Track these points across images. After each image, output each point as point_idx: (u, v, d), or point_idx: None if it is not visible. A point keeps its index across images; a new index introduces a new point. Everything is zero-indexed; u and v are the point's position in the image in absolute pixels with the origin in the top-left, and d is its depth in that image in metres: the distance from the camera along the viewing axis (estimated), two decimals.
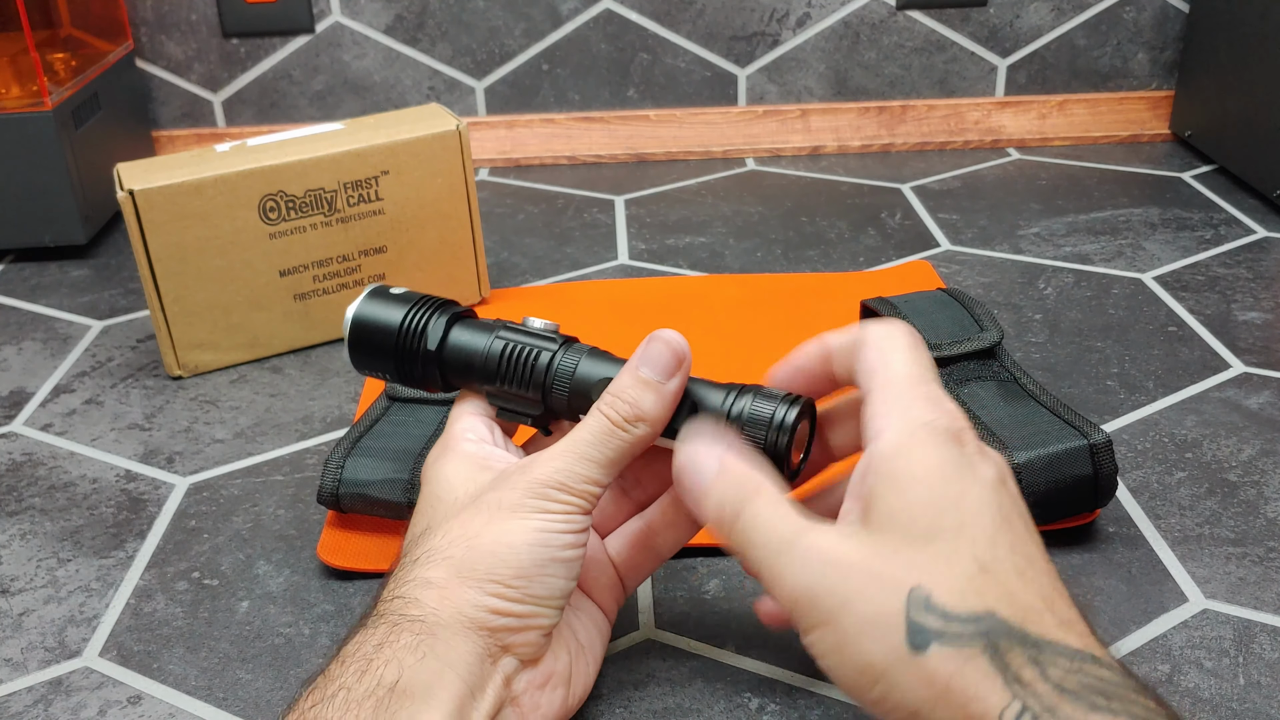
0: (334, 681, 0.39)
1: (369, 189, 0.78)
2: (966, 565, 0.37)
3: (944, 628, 0.35)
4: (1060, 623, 0.36)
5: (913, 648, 0.36)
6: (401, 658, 0.39)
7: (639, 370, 0.44)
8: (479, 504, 0.44)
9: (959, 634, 0.35)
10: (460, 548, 0.42)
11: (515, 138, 1.17)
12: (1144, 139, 1.18)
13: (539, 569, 0.42)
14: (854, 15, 1.13)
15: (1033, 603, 0.36)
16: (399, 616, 0.41)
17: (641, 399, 0.44)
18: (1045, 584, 0.38)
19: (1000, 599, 0.36)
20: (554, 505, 0.43)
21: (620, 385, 0.44)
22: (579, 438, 0.44)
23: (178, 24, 1.12)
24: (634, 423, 0.44)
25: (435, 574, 0.42)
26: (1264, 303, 0.83)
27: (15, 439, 0.72)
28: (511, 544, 0.42)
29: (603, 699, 0.50)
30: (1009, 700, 0.34)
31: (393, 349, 0.49)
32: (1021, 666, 0.34)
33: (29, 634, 0.55)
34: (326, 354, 0.80)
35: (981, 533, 0.37)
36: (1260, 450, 0.65)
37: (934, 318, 0.68)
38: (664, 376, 0.44)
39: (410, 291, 0.50)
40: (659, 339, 0.44)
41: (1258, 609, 0.54)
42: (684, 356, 0.44)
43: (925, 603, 0.36)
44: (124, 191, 0.72)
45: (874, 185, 1.09)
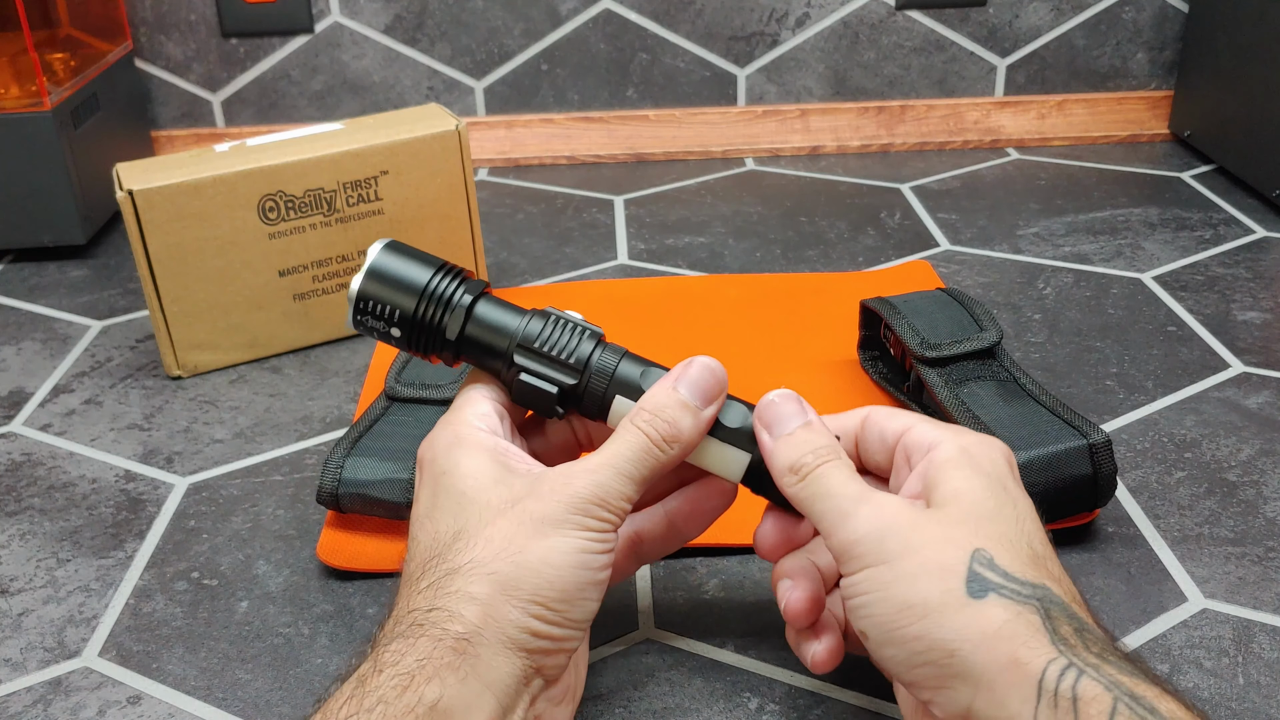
0: (372, 693, 0.38)
1: (368, 189, 0.78)
2: (1024, 547, 0.40)
3: (1003, 584, 0.38)
4: (1094, 620, 0.39)
5: (970, 594, 0.38)
6: (444, 676, 0.39)
7: (679, 391, 0.45)
8: (518, 513, 0.42)
9: (1016, 592, 0.38)
10: (505, 563, 0.41)
11: (514, 138, 1.17)
12: (1143, 139, 1.18)
13: (580, 592, 0.42)
14: (853, 15, 1.13)
15: (1074, 595, 0.40)
16: (442, 631, 0.40)
17: (681, 421, 0.44)
18: (1075, 593, 0.41)
19: (1051, 581, 0.39)
20: (593, 523, 0.42)
21: (660, 403, 0.44)
22: (618, 452, 0.44)
23: (177, 24, 1.12)
24: (671, 443, 0.44)
25: (479, 589, 0.41)
26: (1263, 302, 0.83)
27: (15, 439, 0.72)
28: (556, 565, 0.41)
29: (603, 699, 0.50)
30: (1055, 654, 0.36)
31: (411, 312, 0.46)
32: (1069, 634, 0.37)
33: (28, 634, 0.55)
34: (326, 354, 0.80)
35: (1035, 529, 0.41)
36: (1260, 450, 0.65)
37: (934, 318, 0.68)
38: (703, 403, 0.45)
39: (427, 254, 0.48)
40: (703, 364, 0.45)
41: (1257, 609, 0.54)
42: (724, 385, 0.46)
43: (989, 562, 0.39)
44: (123, 191, 0.72)
45: (873, 185, 1.09)
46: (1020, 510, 0.42)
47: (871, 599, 0.39)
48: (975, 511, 0.40)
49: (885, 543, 0.40)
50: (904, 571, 0.39)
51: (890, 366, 0.72)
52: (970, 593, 0.38)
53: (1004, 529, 0.40)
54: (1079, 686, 0.35)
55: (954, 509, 0.41)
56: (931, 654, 0.38)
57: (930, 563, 0.39)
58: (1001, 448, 0.44)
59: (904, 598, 0.38)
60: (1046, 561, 0.40)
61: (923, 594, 0.38)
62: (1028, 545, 0.40)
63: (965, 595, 0.38)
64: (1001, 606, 0.37)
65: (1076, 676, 0.35)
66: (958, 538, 0.39)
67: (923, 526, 0.40)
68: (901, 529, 0.40)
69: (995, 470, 0.43)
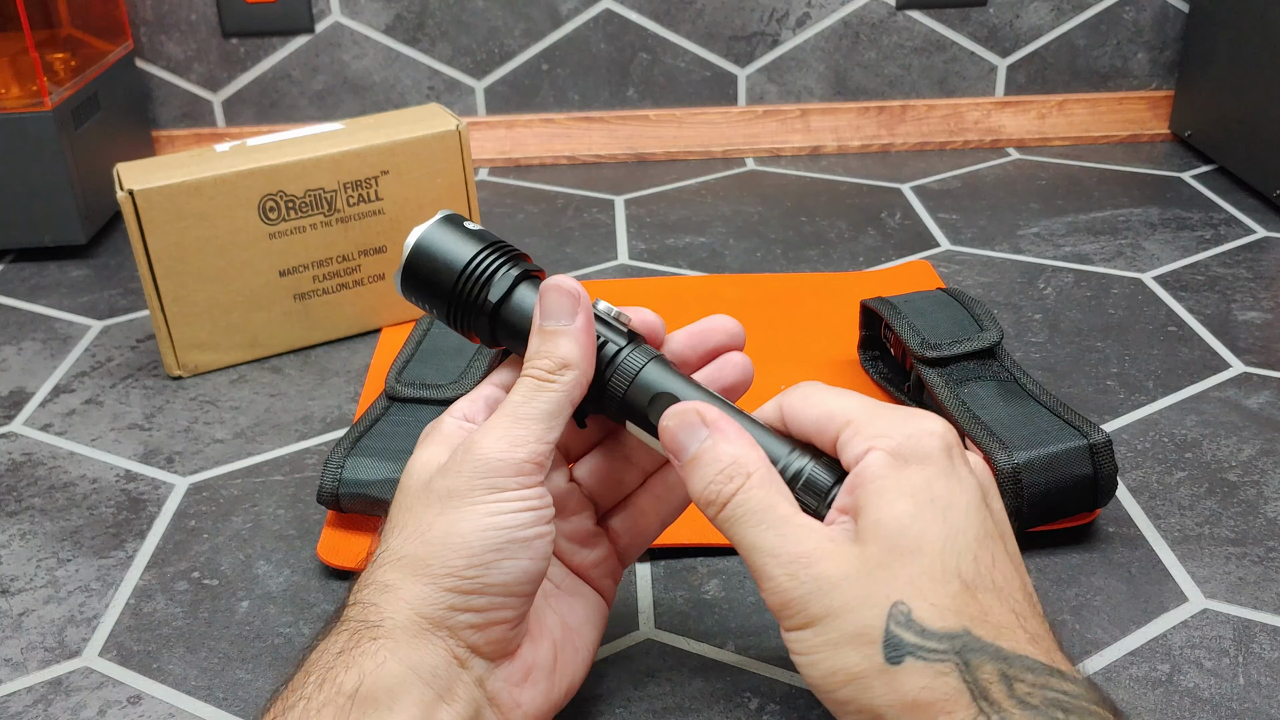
0: (295, 692, 0.38)
1: (369, 189, 0.78)
2: (949, 582, 0.38)
3: (920, 644, 0.37)
4: (1030, 638, 0.38)
5: (888, 660, 0.37)
6: (361, 664, 0.39)
7: (543, 325, 0.44)
8: (429, 492, 0.42)
9: (933, 650, 0.37)
10: (414, 544, 0.41)
11: (515, 138, 1.17)
12: (1144, 139, 1.18)
13: (495, 554, 0.40)
14: (854, 15, 1.13)
15: (1006, 619, 0.38)
16: (359, 623, 0.40)
17: (555, 345, 0.43)
18: (1019, 599, 0.39)
19: (976, 616, 0.37)
20: (504, 481, 0.41)
21: (531, 344, 0.44)
22: (511, 400, 0.43)
23: (177, 24, 1.12)
24: (557, 371, 0.43)
25: (391, 576, 0.41)
26: (1264, 302, 0.83)
27: (15, 439, 0.72)
28: (461, 532, 0.41)
29: (602, 699, 0.50)
30: (975, 715, 0.36)
31: (450, 289, 0.46)
32: (990, 682, 0.36)
33: (29, 634, 0.55)
34: (326, 354, 0.80)
35: (965, 548, 0.39)
36: (1260, 450, 0.65)
37: (934, 318, 0.68)
38: (568, 319, 0.44)
39: (485, 231, 0.47)
40: (548, 286, 0.44)
41: (1257, 609, 0.54)
42: (577, 294, 0.44)
43: (905, 619, 0.37)
44: (124, 191, 0.72)
45: (874, 185, 1.09)
46: (951, 523, 0.39)
47: (803, 660, 0.39)
48: (897, 546, 0.38)
49: (807, 608, 0.39)
50: (828, 638, 0.38)
51: (890, 366, 0.72)
52: (888, 659, 0.37)
53: (926, 564, 0.38)
54: None
55: (875, 547, 0.38)
56: (863, 715, 0.38)
57: (851, 631, 0.38)
58: (940, 435, 0.41)
59: (830, 664, 0.38)
60: (977, 589, 0.38)
61: (845, 662, 0.38)
62: (955, 575, 0.38)
63: (883, 663, 0.37)
64: (918, 671, 0.37)
65: None
66: (876, 593, 0.38)
67: (843, 583, 0.38)
68: (821, 591, 0.38)
69: (924, 472, 0.40)
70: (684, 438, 0.42)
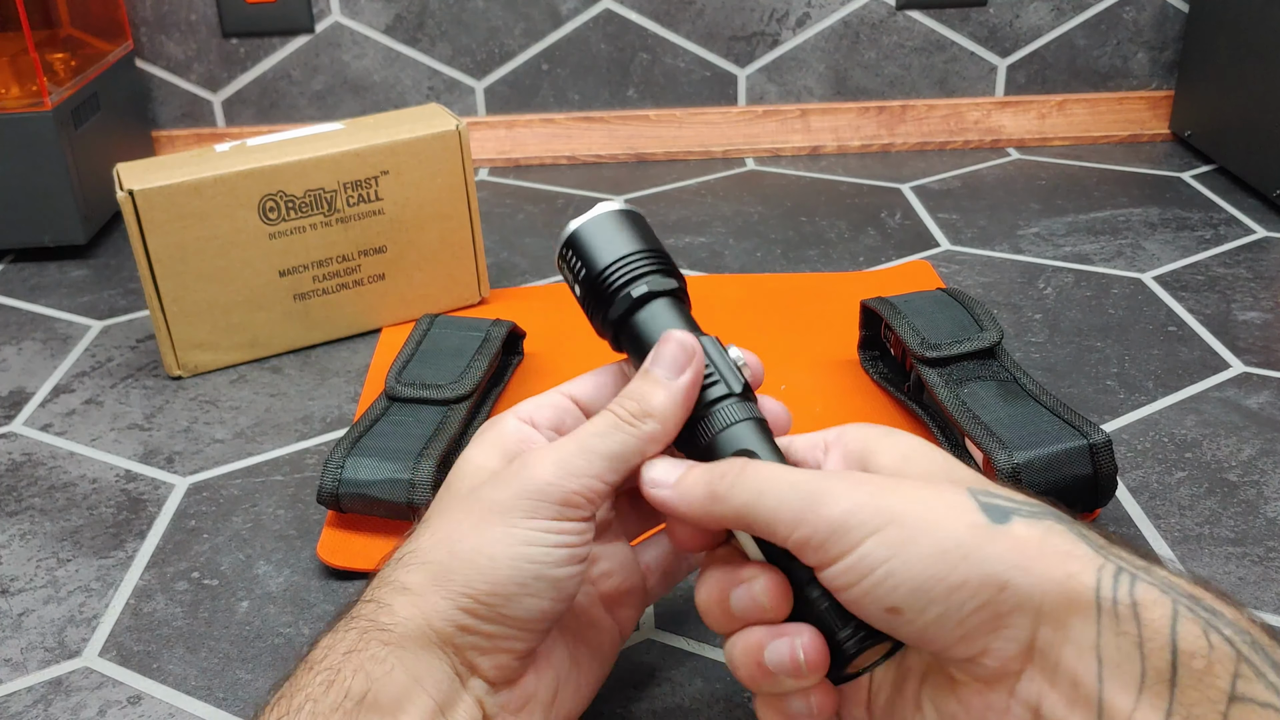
0: (300, 691, 0.38)
1: (369, 189, 0.78)
2: (1001, 486, 0.38)
3: (1019, 506, 0.36)
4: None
5: (994, 521, 0.35)
6: (369, 669, 0.38)
7: (649, 369, 0.43)
8: (473, 499, 0.41)
9: (1033, 511, 0.36)
10: (442, 551, 0.40)
11: (515, 138, 1.17)
12: (1144, 139, 1.18)
13: (519, 587, 0.39)
14: (854, 15, 1.13)
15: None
16: (369, 623, 0.39)
17: (650, 394, 0.42)
18: None
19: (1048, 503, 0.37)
20: (548, 509, 0.40)
21: (632, 385, 0.43)
22: (585, 430, 0.42)
23: (177, 24, 1.12)
24: (641, 418, 0.42)
25: (412, 579, 0.40)
26: (1264, 302, 0.83)
27: (15, 439, 0.72)
28: (493, 555, 0.39)
29: (603, 699, 0.50)
30: (1101, 561, 0.34)
31: (587, 282, 0.46)
32: (1099, 540, 0.35)
33: (29, 634, 0.55)
34: (326, 354, 0.80)
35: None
36: (1260, 450, 0.65)
37: (934, 318, 0.68)
38: (674, 374, 0.42)
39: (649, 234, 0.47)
40: (670, 338, 0.43)
41: (1257, 609, 0.54)
42: (694, 352, 0.43)
43: (988, 493, 0.36)
44: (124, 191, 0.72)
45: (874, 185, 1.09)
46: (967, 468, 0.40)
47: (895, 564, 0.35)
48: (935, 466, 0.38)
49: (881, 502, 0.36)
50: (918, 523, 0.35)
51: (890, 366, 0.72)
52: (993, 520, 0.35)
53: (971, 475, 0.38)
54: (1135, 591, 0.33)
55: (913, 467, 0.39)
56: (982, 594, 0.34)
57: (939, 506, 0.35)
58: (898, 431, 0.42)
59: (933, 547, 0.35)
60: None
61: (950, 537, 0.35)
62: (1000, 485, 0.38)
63: (990, 523, 0.35)
64: (1028, 525, 0.35)
65: (1130, 581, 0.33)
66: (944, 485, 0.37)
67: (902, 481, 0.37)
68: (888, 486, 0.37)
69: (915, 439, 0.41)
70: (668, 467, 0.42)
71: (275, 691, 0.39)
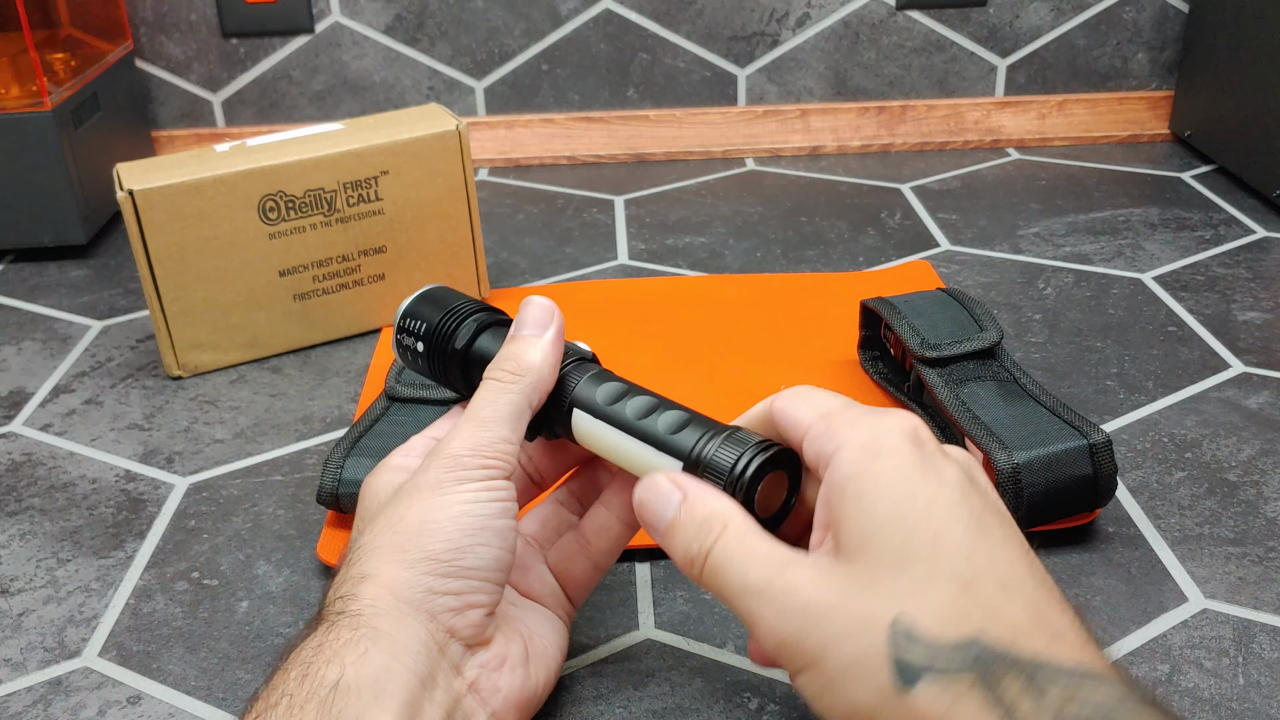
0: (276, 690, 0.38)
1: (369, 189, 0.78)
2: (946, 587, 0.35)
3: (931, 660, 0.34)
4: (1052, 636, 0.35)
5: (900, 686, 0.34)
6: (342, 655, 0.39)
7: (517, 332, 0.47)
8: (399, 494, 0.44)
9: (947, 665, 0.34)
10: (387, 535, 0.42)
11: (515, 138, 1.17)
12: (1144, 139, 1.18)
13: (470, 538, 0.42)
14: (854, 15, 1.13)
15: (1020, 619, 0.35)
16: (338, 615, 0.40)
17: (523, 351, 0.46)
18: (1030, 591, 0.36)
19: (986, 619, 0.35)
20: (472, 474, 0.43)
21: (503, 350, 0.46)
22: (475, 404, 0.45)
23: (177, 24, 1.12)
24: (520, 373, 0.45)
25: (369, 566, 0.42)
26: (1264, 303, 0.83)
27: (15, 439, 0.72)
28: (437, 519, 0.42)
29: (603, 699, 0.50)
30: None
31: (426, 348, 0.50)
32: (1017, 697, 0.33)
33: (29, 634, 0.55)
34: (326, 354, 0.80)
35: (957, 545, 0.36)
36: (1260, 450, 0.65)
37: (934, 318, 0.68)
38: (540, 330, 0.46)
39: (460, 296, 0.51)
40: (530, 302, 0.47)
41: (1257, 609, 0.54)
42: (552, 310, 0.47)
43: (908, 634, 0.35)
44: (123, 191, 0.72)
45: (874, 185, 1.09)
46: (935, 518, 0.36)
47: (819, 706, 0.37)
48: (884, 556, 0.36)
49: (802, 645, 0.36)
50: (833, 674, 0.36)
51: (890, 366, 0.72)
52: (899, 685, 0.34)
53: (919, 570, 0.35)
54: None
55: (861, 563, 0.36)
56: None
57: (853, 660, 0.35)
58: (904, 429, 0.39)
59: (843, 704, 0.36)
60: (979, 588, 0.35)
61: (856, 698, 0.35)
62: (951, 577, 0.35)
63: (896, 691, 0.34)
64: (935, 693, 0.34)
65: None
66: (872, 613, 0.35)
67: (833, 611, 0.36)
68: (812, 626, 0.36)
69: (898, 467, 0.37)
70: (659, 507, 0.42)
71: (253, 699, 0.39)
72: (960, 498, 0.37)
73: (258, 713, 0.38)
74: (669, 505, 0.41)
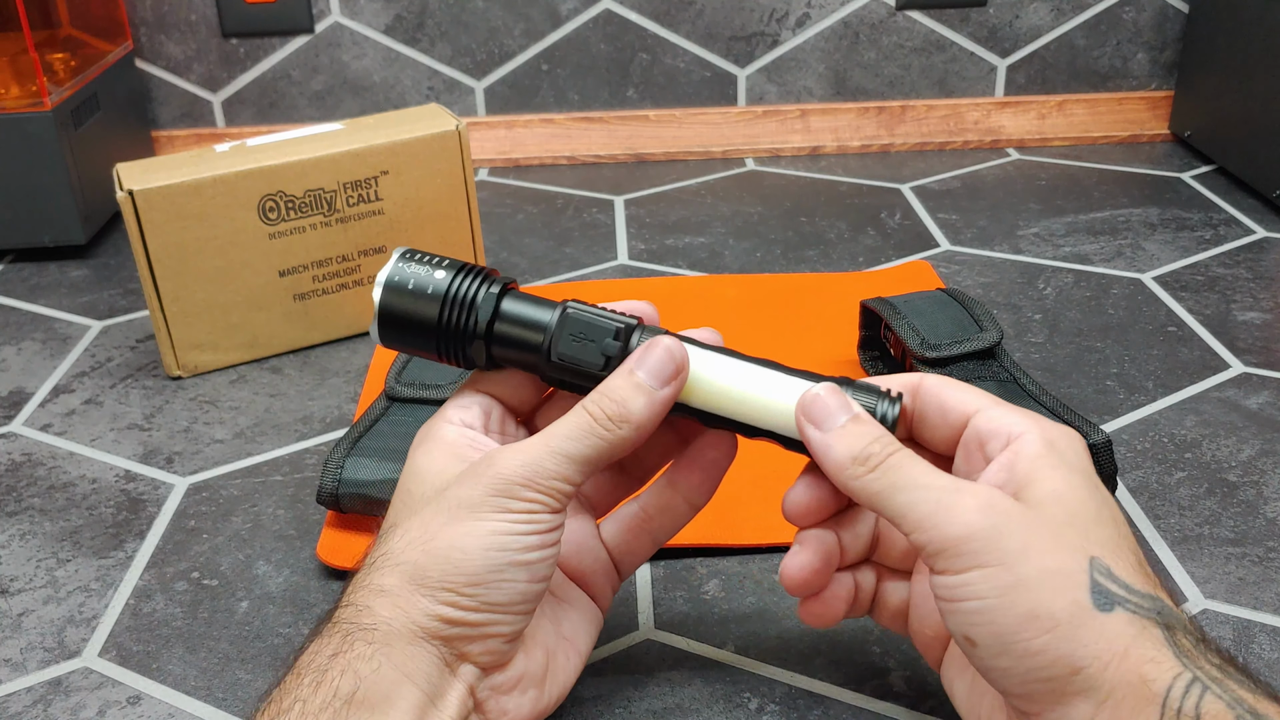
0: (289, 694, 0.38)
1: (368, 189, 0.78)
2: (1130, 554, 0.38)
3: (1127, 596, 0.36)
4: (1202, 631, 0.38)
5: (1098, 607, 0.36)
6: (357, 668, 0.39)
7: (635, 373, 0.42)
8: (441, 500, 0.42)
9: (1139, 605, 0.36)
10: (416, 551, 0.41)
11: (515, 138, 1.17)
12: (1143, 139, 1.18)
13: (495, 575, 0.40)
14: (854, 15, 1.13)
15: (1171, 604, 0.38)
16: (352, 625, 0.40)
17: (631, 401, 0.42)
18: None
19: (1161, 591, 0.38)
20: (516, 504, 0.41)
21: (612, 384, 0.42)
22: (556, 431, 0.42)
23: (177, 24, 1.12)
24: (618, 423, 0.42)
25: (389, 581, 0.41)
26: (1263, 303, 0.83)
27: (15, 439, 0.72)
28: (465, 549, 0.40)
29: (603, 699, 0.50)
30: (1180, 670, 0.35)
31: (435, 323, 0.44)
32: (1188, 647, 0.36)
33: (29, 634, 0.55)
34: (326, 354, 0.80)
35: (1128, 535, 0.39)
36: (1260, 450, 0.65)
37: (934, 318, 0.68)
38: (658, 384, 0.42)
39: (443, 257, 0.45)
40: (660, 345, 0.43)
41: (1257, 609, 0.54)
42: (682, 366, 0.43)
43: (1107, 572, 0.37)
44: (123, 191, 0.72)
45: (874, 185, 1.09)
46: (1117, 513, 0.39)
47: (989, 605, 0.36)
48: (1081, 515, 0.38)
49: (1000, 540, 0.36)
50: (1026, 576, 0.36)
51: (890, 367, 0.72)
52: (1097, 605, 0.36)
53: (1110, 534, 0.38)
54: (1202, 704, 0.34)
55: (1058, 510, 0.38)
56: (1055, 668, 0.36)
57: (1053, 569, 0.36)
58: (1081, 440, 0.41)
59: (1029, 607, 0.36)
60: (1148, 567, 0.39)
61: (1049, 604, 0.36)
62: (1132, 552, 0.38)
63: (1093, 608, 0.36)
64: (1127, 621, 0.36)
65: (1200, 693, 0.35)
66: (1073, 543, 0.37)
67: (1037, 526, 0.37)
68: (1016, 526, 0.37)
69: (1085, 467, 0.40)
70: (835, 409, 0.41)
71: (264, 700, 0.39)
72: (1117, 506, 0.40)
73: (271, 716, 0.38)
74: (844, 411, 0.41)
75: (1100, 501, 0.39)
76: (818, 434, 0.41)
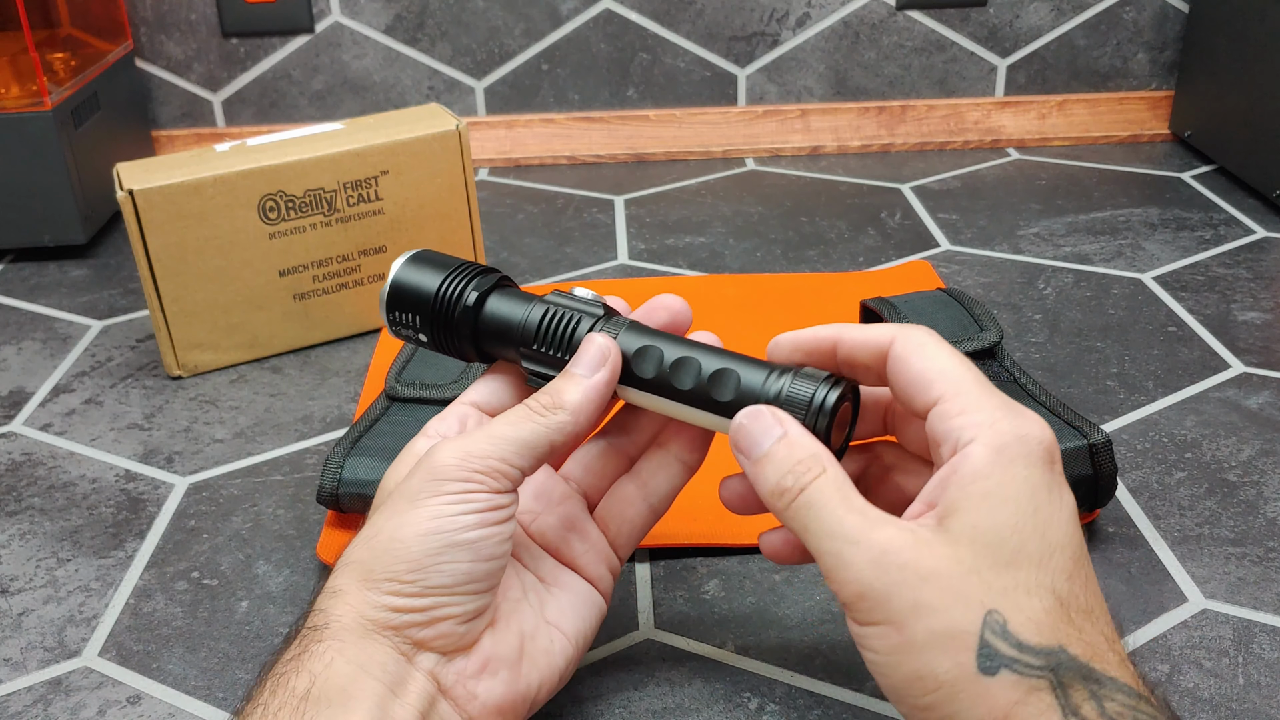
0: (254, 703, 0.39)
1: (369, 189, 0.78)
2: (1045, 598, 0.37)
3: (1017, 656, 0.36)
4: (1120, 661, 0.37)
5: (982, 670, 0.36)
6: (310, 666, 0.39)
7: (570, 368, 0.45)
8: (390, 500, 0.43)
9: (1029, 665, 0.36)
10: (362, 550, 0.42)
11: (515, 138, 1.17)
12: (1144, 139, 1.18)
13: (433, 558, 0.41)
14: (854, 15, 1.13)
15: (1097, 641, 0.37)
16: (309, 630, 0.41)
17: (565, 389, 0.44)
18: (1104, 623, 0.38)
19: (1070, 636, 0.36)
20: (450, 486, 0.42)
21: (550, 384, 0.45)
22: (497, 420, 0.44)
23: (177, 24, 1.12)
24: (552, 410, 0.44)
25: (340, 582, 0.42)
26: (1264, 303, 0.83)
27: (15, 439, 0.72)
28: (404, 538, 0.41)
29: (602, 699, 0.50)
30: None
31: (429, 313, 0.48)
32: (1082, 702, 0.35)
33: (29, 634, 0.55)
34: (326, 354, 0.80)
35: (1062, 567, 0.37)
36: (1260, 450, 0.65)
37: (934, 318, 0.68)
38: (590, 372, 0.45)
39: (452, 257, 0.50)
40: (590, 340, 0.45)
41: (1257, 609, 0.54)
42: (610, 353, 0.45)
43: (1001, 629, 0.36)
44: (123, 191, 0.72)
45: (874, 185, 1.09)
46: (1050, 538, 0.37)
47: (880, 660, 0.38)
48: (995, 556, 0.37)
49: (890, 601, 0.37)
50: (915, 637, 0.36)
51: None
52: (981, 668, 0.36)
53: (1023, 576, 0.37)
54: None
55: (969, 552, 0.37)
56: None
57: (941, 630, 0.36)
58: (1041, 438, 0.39)
59: (914, 668, 0.36)
60: (1070, 609, 0.37)
61: (933, 667, 0.36)
62: (1050, 591, 0.37)
63: (976, 671, 0.36)
64: (1012, 684, 0.35)
65: None
66: (971, 596, 0.36)
67: (933, 579, 0.36)
68: (908, 584, 0.37)
69: (1030, 480, 0.38)
70: (758, 435, 0.42)
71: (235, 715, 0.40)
72: (1072, 526, 0.39)
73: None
74: (768, 436, 0.41)
75: (1027, 534, 0.37)
76: (748, 464, 0.42)
